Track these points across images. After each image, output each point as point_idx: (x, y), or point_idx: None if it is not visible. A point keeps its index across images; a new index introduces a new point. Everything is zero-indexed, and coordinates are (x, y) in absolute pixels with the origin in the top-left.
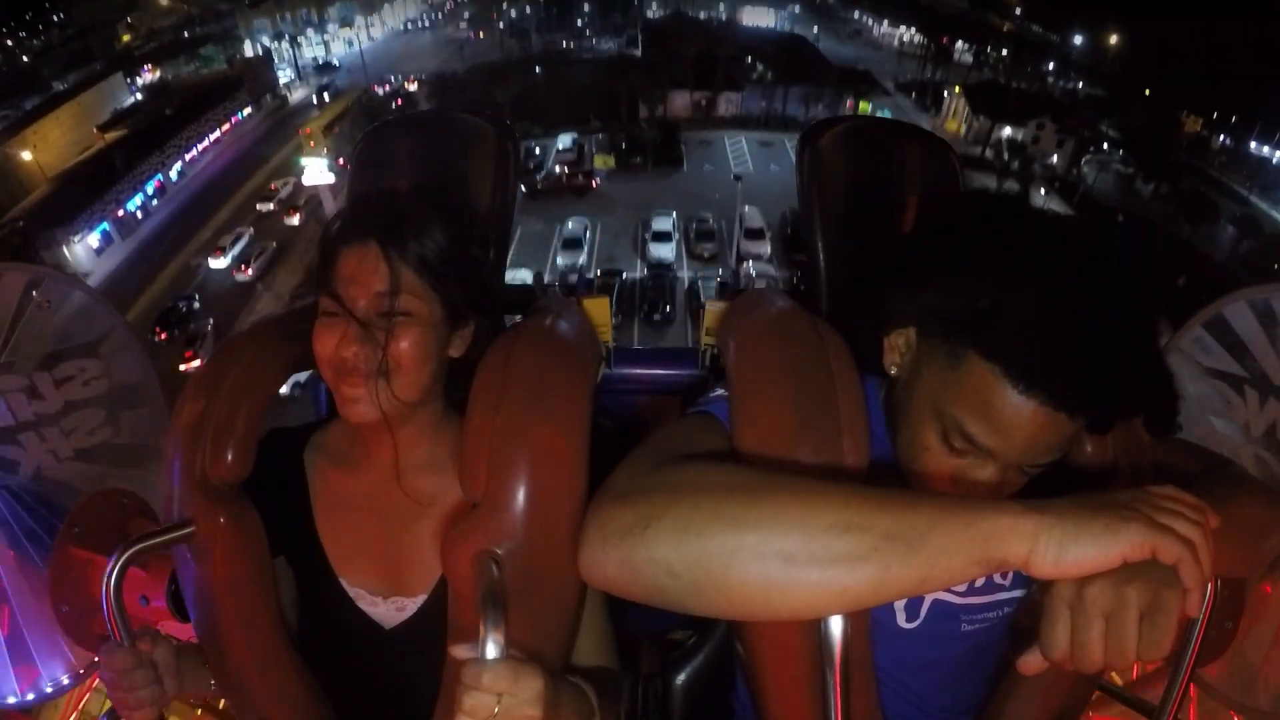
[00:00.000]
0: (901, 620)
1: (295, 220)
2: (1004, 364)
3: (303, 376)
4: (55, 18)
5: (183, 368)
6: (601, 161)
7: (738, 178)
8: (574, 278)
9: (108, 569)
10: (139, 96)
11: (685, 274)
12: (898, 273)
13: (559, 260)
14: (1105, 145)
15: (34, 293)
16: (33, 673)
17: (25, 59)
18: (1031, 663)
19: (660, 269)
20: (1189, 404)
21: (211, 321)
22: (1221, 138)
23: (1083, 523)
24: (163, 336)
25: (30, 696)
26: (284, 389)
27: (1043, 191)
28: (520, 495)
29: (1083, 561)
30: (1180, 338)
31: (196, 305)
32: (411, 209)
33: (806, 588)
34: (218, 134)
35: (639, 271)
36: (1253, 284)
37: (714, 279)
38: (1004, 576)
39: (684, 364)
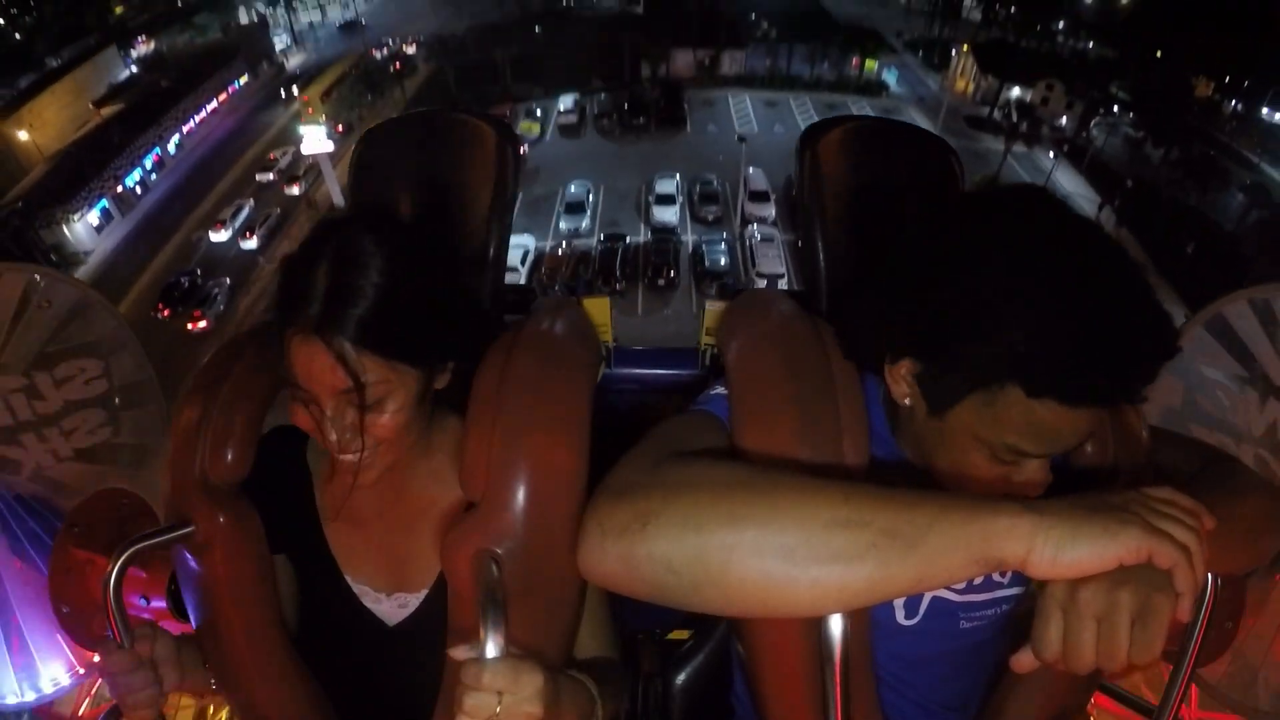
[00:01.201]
0: (901, 617)
1: (296, 190)
2: (1054, 393)
3: None
4: None
5: (190, 326)
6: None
7: (742, 139)
8: (576, 242)
9: (108, 569)
10: (134, 69)
11: (689, 238)
12: (900, 300)
13: (561, 224)
14: (1115, 108)
15: (34, 293)
16: (33, 673)
17: (18, 36)
18: (1024, 661)
19: (664, 233)
20: (1189, 403)
21: (228, 281)
22: (1233, 103)
23: (1080, 524)
24: (165, 313)
25: (30, 696)
26: None
27: (1051, 154)
28: (520, 495)
29: (1079, 563)
30: (1180, 338)
31: (199, 279)
32: (353, 268)
33: (805, 584)
34: (215, 104)
35: (643, 235)
36: (1253, 283)
37: (719, 242)
38: (1002, 574)
39: (684, 364)
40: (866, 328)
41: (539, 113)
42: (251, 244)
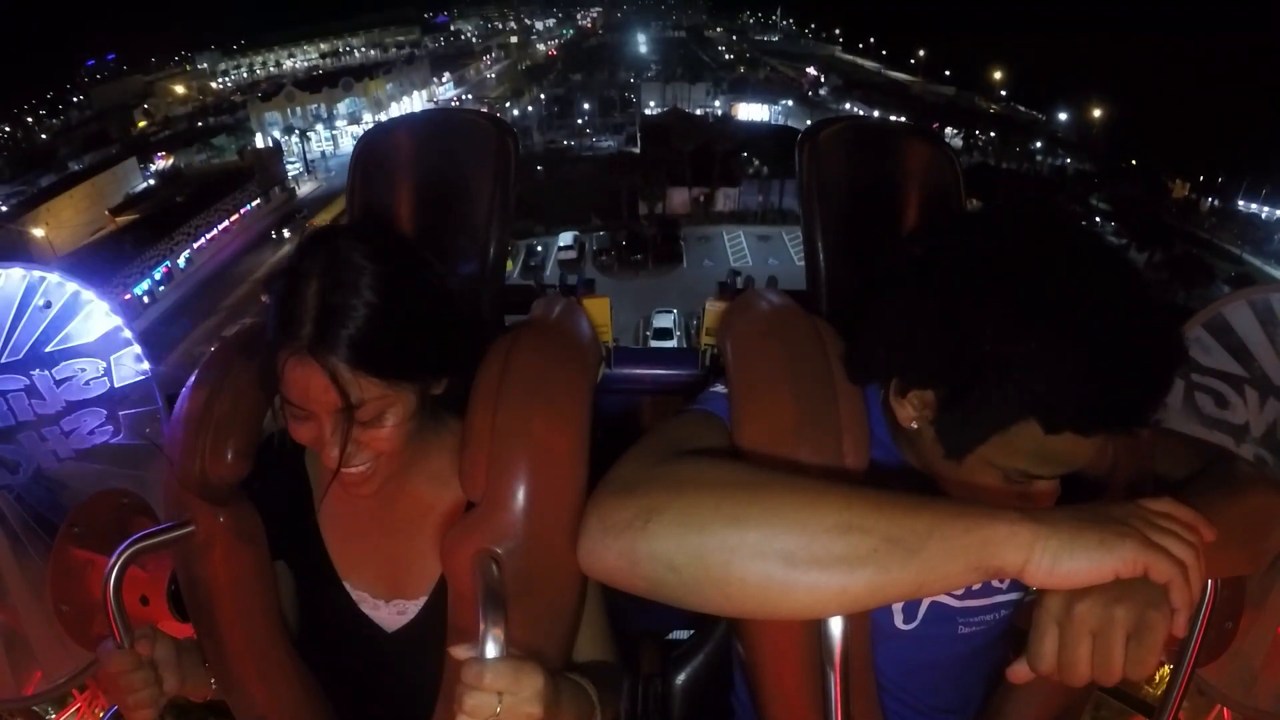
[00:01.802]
0: (899, 622)
1: None
2: (1071, 427)
3: None
4: (75, 99)
5: None
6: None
7: (735, 273)
8: None
9: (108, 569)
10: (151, 182)
11: None
12: (911, 333)
13: None
14: (1096, 219)
15: (34, 293)
16: (33, 673)
17: (44, 137)
18: (1020, 672)
19: None
20: (1189, 403)
21: None
22: (1209, 200)
23: (1079, 536)
24: None
25: (30, 696)
26: None
27: None
28: (520, 495)
29: (1076, 574)
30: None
31: None
32: (344, 286)
33: (805, 587)
34: (226, 224)
35: None
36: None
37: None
38: (1000, 580)
39: (684, 364)
40: (876, 357)
41: (540, 249)
42: None
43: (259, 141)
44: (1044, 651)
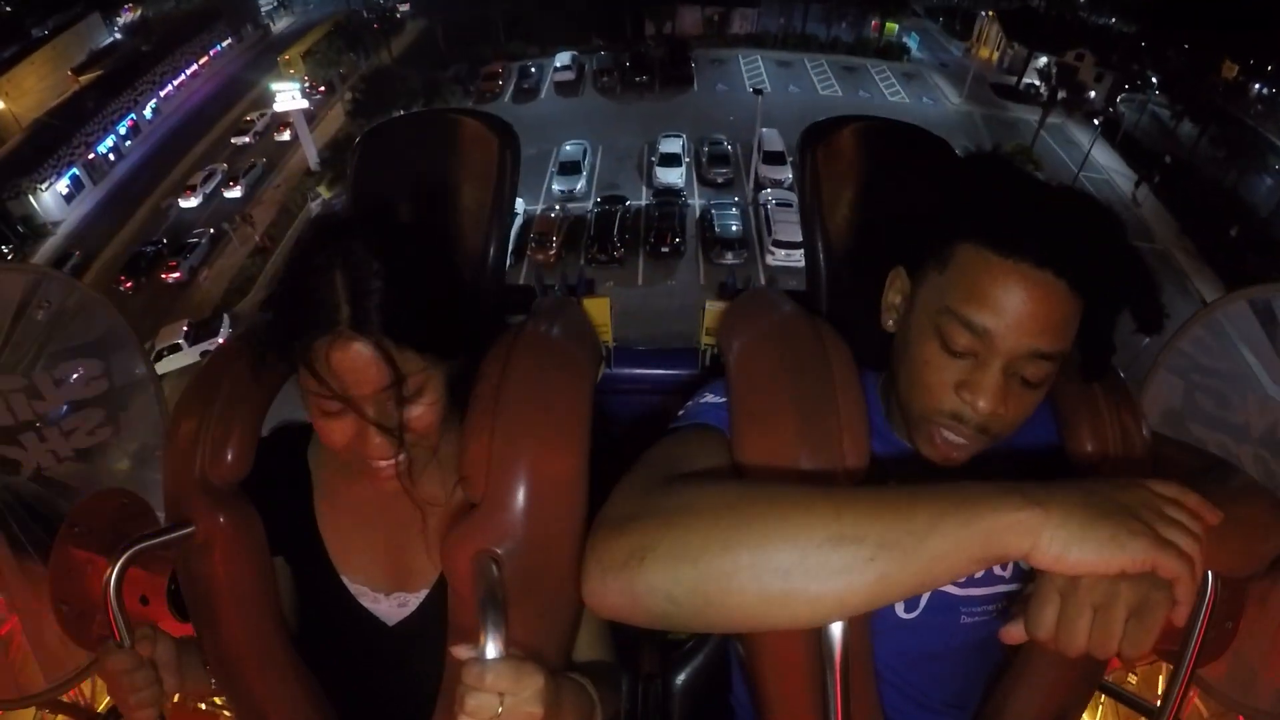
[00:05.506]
0: (900, 611)
1: (285, 136)
2: (988, 235)
3: None
4: None
5: (163, 276)
6: None
7: (758, 91)
8: (571, 206)
9: (108, 569)
10: (118, 36)
11: (697, 202)
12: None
13: (554, 186)
14: (1151, 81)
15: (34, 293)
16: (33, 673)
17: (8, 9)
18: (1014, 633)
19: (668, 195)
20: (1189, 403)
21: (210, 232)
22: (1258, 87)
23: (1089, 527)
24: (128, 286)
25: (30, 696)
26: None
27: (1096, 122)
28: (520, 496)
29: (1083, 563)
30: (1180, 338)
31: (164, 248)
32: (367, 270)
33: (806, 601)
34: (195, 68)
35: (644, 199)
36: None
37: (730, 207)
38: (1004, 568)
39: (684, 364)
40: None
41: (534, 70)
42: (236, 193)
43: None
44: (1044, 619)
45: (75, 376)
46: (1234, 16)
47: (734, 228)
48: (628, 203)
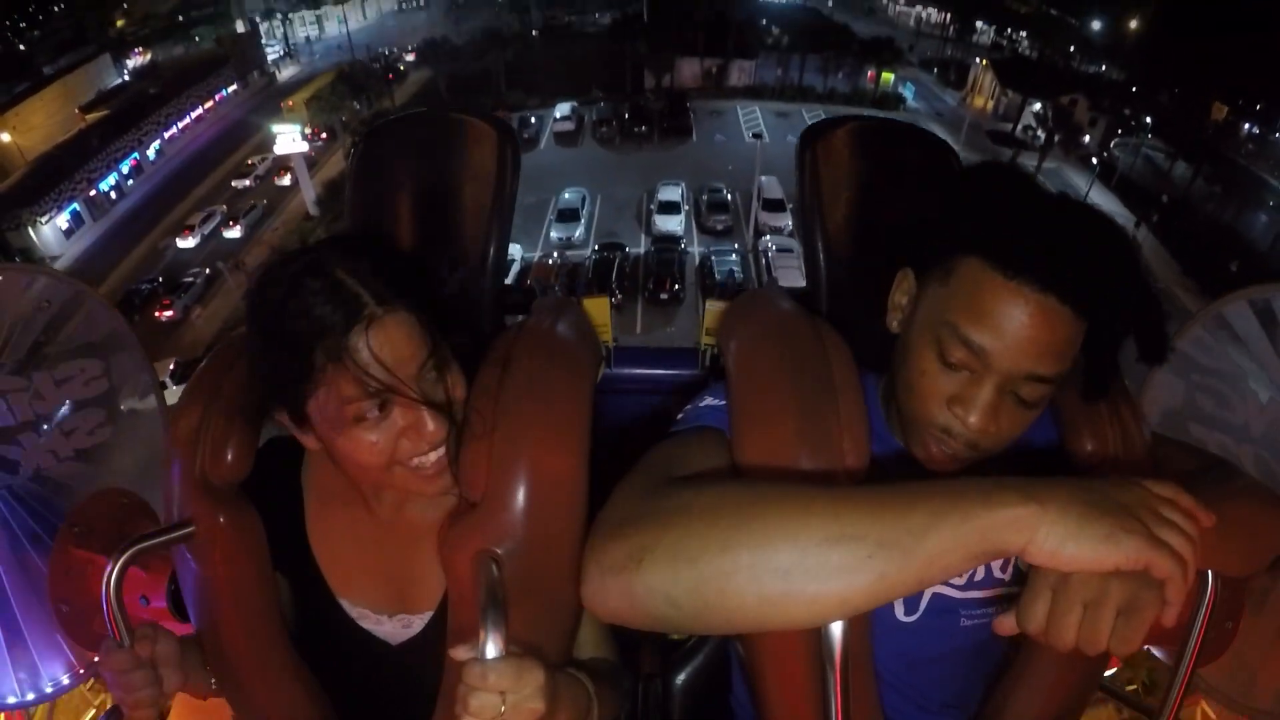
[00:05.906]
0: (900, 613)
1: (286, 181)
2: (991, 253)
3: None
4: (55, 8)
5: (157, 314)
6: None
7: (757, 136)
8: (569, 253)
9: (108, 569)
10: (126, 78)
11: (696, 249)
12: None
13: (553, 234)
14: (1144, 122)
15: (34, 293)
16: (33, 673)
17: (21, 47)
18: (1005, 625)
19: (667, 242)
20: (1189, 403)
21: (206, 272)
22: (1247, 126)
23: (1085, 524)
24: None
25: (30, 696)
26: None
27: (1093, 162)
28: (520, 495)
29: (1078, 560)
30: (1180, 338)
31: (160, 287)
32: (364, 264)
33: (805, 601)
34: (200, 111)
35: (643, 246)
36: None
37: (729, 253)
38: (1003, 570)
39: (684, 364)
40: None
41: (533, 121)
42: (235, 233)
43: (240, 29)
44: (1035, 613)
45: (75, 376)
46: (1221, 59)
47: (734, 274)
48: (626, 250)
